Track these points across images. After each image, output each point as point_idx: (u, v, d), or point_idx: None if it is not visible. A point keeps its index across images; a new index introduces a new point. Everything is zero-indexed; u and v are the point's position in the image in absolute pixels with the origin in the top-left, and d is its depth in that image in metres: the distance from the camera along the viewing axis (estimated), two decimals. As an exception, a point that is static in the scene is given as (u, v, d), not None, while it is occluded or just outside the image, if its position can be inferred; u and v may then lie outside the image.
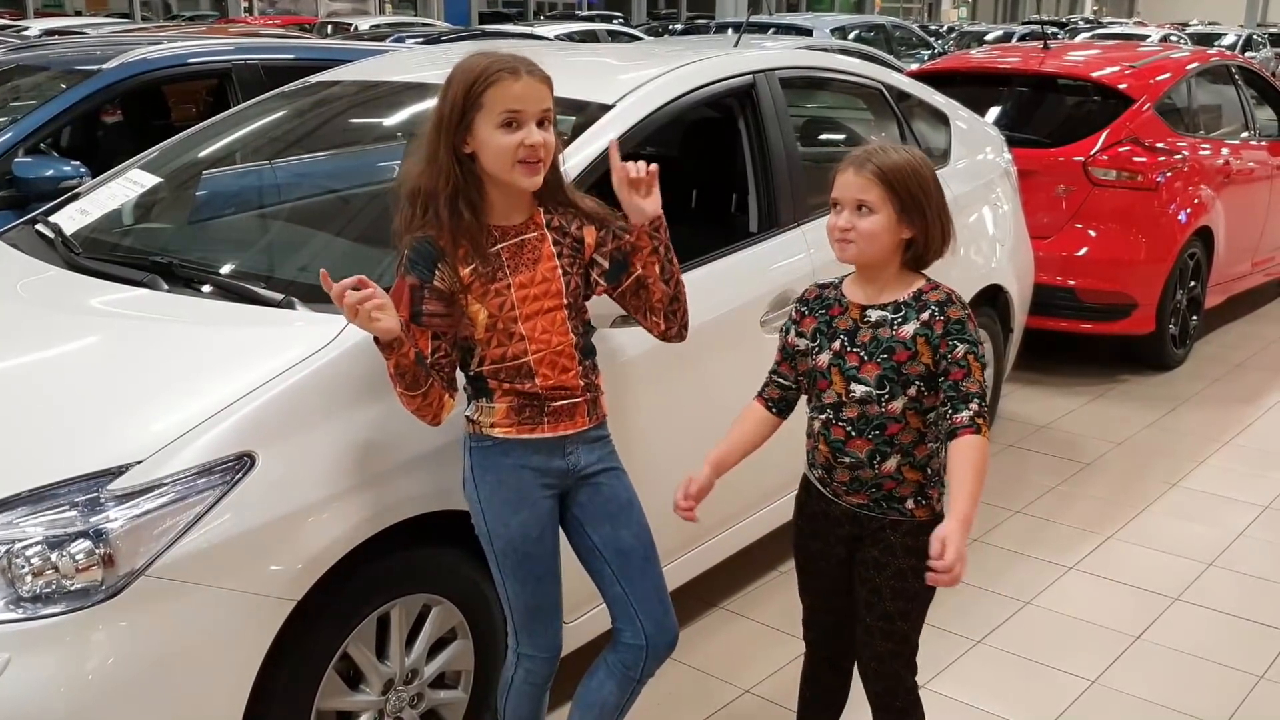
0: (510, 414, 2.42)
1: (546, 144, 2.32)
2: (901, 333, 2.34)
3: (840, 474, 2.44)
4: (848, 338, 2.39)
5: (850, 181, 2.35)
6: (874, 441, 2.37)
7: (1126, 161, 6.11)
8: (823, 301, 2.47)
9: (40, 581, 2.14)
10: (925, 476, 2.42)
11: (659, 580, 2.60)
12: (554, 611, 2.56)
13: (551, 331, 2.40)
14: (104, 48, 5.58)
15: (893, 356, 2.34)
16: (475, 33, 16.50)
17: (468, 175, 2.34)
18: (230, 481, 2.29)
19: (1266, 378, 6.49)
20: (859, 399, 2.36)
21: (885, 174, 2.32)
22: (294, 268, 3.08)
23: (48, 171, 4.67)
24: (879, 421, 2.36)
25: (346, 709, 2.61)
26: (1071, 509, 4.66)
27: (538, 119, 2.31)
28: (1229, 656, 3.61)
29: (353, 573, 2.48)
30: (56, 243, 3.30)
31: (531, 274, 2.39)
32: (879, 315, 2.38)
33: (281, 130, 3.88)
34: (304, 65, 5.13)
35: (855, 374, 2.36)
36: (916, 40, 19.19)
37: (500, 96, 2.28)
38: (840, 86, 4.69)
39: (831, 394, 2.40)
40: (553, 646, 2.57)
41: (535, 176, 2.33)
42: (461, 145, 2.32)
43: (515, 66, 2.29)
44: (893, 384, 2.34)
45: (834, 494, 2.48)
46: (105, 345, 2.78)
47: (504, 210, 2.40)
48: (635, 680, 2.57)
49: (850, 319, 2.41)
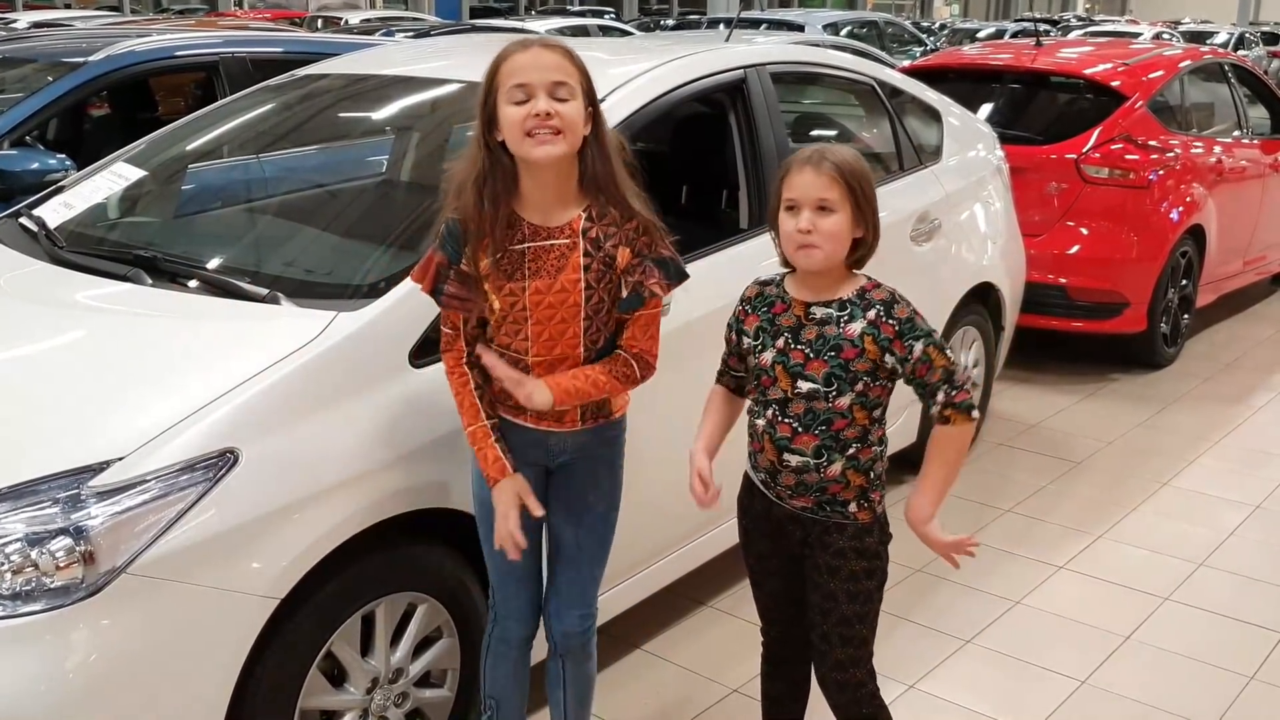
0: (502, 394, 2.44)
1: (562, 115, 2.23)
2: (849, 331, 2.32)
3: (785, 478, 2.41)
4: (791, 335, 2.36)
5: (810, 181, 2.29)
6: (820, 437, 2.35)
7: (1119, 159, 6.10)
8: (765, 299, 2.44)
9: (20, 579, 2.12)
10: (868, 480, 2.40)
11: (588, 577, 2.62)
12: (526, 579, 2.58)
13: (558, 341, 2.36)
14: (90, 40, 5.54)
15: (840, 354, 2.32)
16: (465, 27, 16.46)
17: (495, 164, 2.30)
18: (213, 478, 2.26)
19: (1257, 377, 6.49)
20: (805, 394, 2.34)
21: (843, 172, 2.29)
22: (280, 262, 3.06)
23: (32, 164, 4.63)
24: (826, 417, 2.34)
25: (330, 708, 2.59)
26: (1061, 508, 4.65)
27: (548, 89, 2.23)
28: (1219, 656, 3.60)
29: (337, 570, 2.46)
30: (40, 236, 3.27)
31: (551, 282, 2.33)
32: (824, 313, 2.35)
33: (269, 124, 3.85)
34: (292, 59, 5.09)
35: (801, 371, 2.34)
36: (909, 36, 19.20)
37: (509, 71, 2.25)
38: (832, 82, 4.67)
39: (777, 390, 2.37)
40: (522, 611, 2.60)
41: (546, 148, 2.23)
42: (493, 133, 2.29)
43: (527, 40, 2.29)
44: (840, 381, 2.32)
45: (777, 496, 2.45)
46: (88, 340, 2.75)
47: (540, 205, 2.34)
48: (560, 664, 2.66)
49: (794, 316, 2.37)
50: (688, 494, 3.17)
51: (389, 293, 2.65)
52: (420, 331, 2.63)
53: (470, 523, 2.70)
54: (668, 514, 3.22)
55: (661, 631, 3.61)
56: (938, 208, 4.44)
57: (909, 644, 3.58)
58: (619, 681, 3.33)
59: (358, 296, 2.67)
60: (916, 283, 3.29)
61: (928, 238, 4.33)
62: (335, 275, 2.91)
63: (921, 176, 4.50)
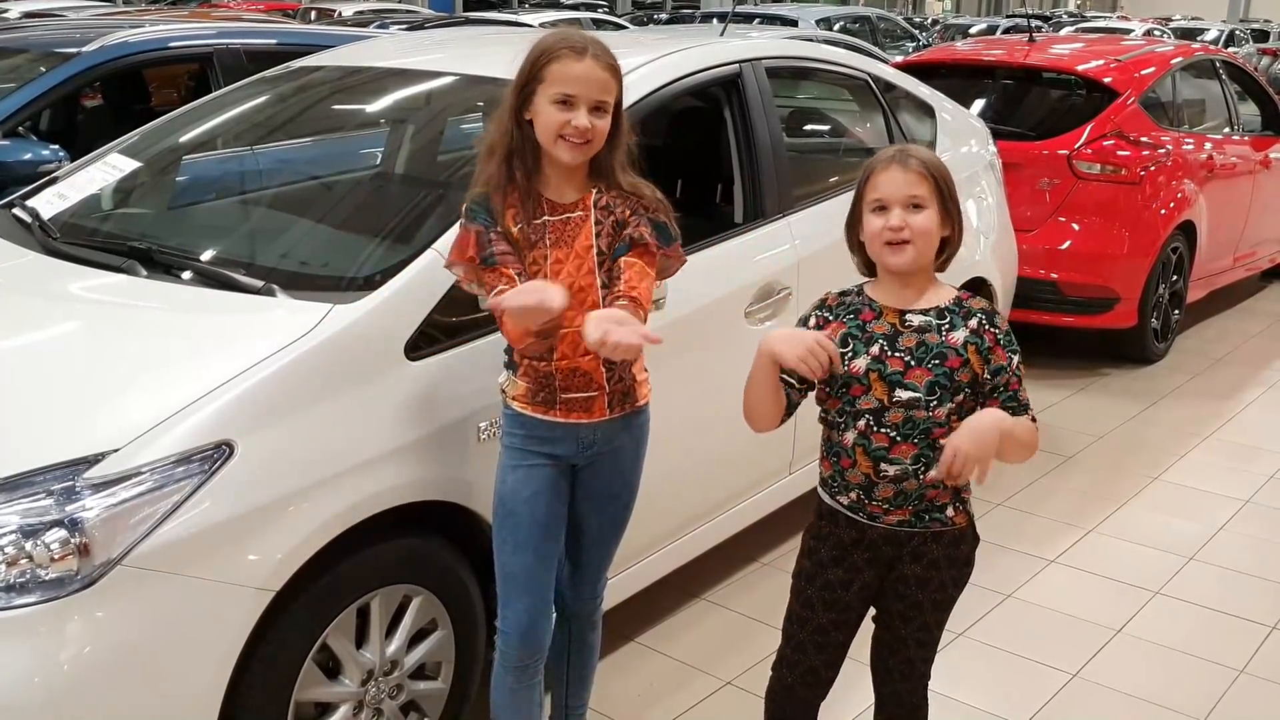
0: (529, 393, 2.47)
1: (596, 130, 2.37)
2: (952, 339, 2.27)
3: (882, 490, 2.32)
4: (887, 342, 2.28)
5: (898, 178, 2.24)
6: (919, 446, 2.27)
7: (1111, 155, 6.11)
8: (848, 306, 2.33)
9: (14, 571, 2.11)
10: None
11: (605, 555, 2.71)
12: (529, 586, 2.52)
13: (578, 310, 2.37)
14: (84, 30, 5.52)
15: (945, 363, 2.25)
16: (459, 19, 16.40)
17: (526, 139, 2.40)
18: (208, 470, 2.26)
19: (1247, 372, 6.52)
20: (904, 403, 2.26)
21: (930, 169, 2.25)
22: (275, 254, 3.05)
23: (25, 155, 4.61)
24: (925, 426, 2.26)
25: (325, 700, 2.59)
26: (1053, 502, 4.67)
27: (592, 105, 2.35)
28: (1210, 650, 3.62)
29: (332, 563, 2.46)
30: (34, 227, 3.25)
31: (568, 250, 2.42)
32: (922, 320, 2.28)
33: (263, 115, 3.84)
34: (286, 50, 5.08)
35: (900, 379, 2.26)
36: (901, 32, 19.23)
37: (559, 75, 2.34)
38: (827, 77, 4.67)
39: (871, 400, 2.27)
40: (520, 624, 2.53)
41: (576, 154, 2.38)
42: (523, 111, 2.39)
43: (584, 48, 2.36)
44: (943, 390, 2.25)
45: (870, 516, 2.35)
46: (82, 332, 2.75)
47: (556, 185, 2.45)
48: (566, 632, 2.75)
49: (888, 323, 2.29)
50: (682, 488, 3.18)
51: (385, 285, 2.65)
52: (416, 325, 2.62)
53: (465, 515, 2.71)
54: (663, 507, 3.23)
55: (656, 624, 3.62)
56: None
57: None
58: (613, 674, 3.33)
59: (353, 289, 2.67)
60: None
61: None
62: (331, 268, 2.90)
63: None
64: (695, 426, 3.28)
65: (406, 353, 2.61)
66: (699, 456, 3.37)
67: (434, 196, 3.15)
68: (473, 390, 2.68)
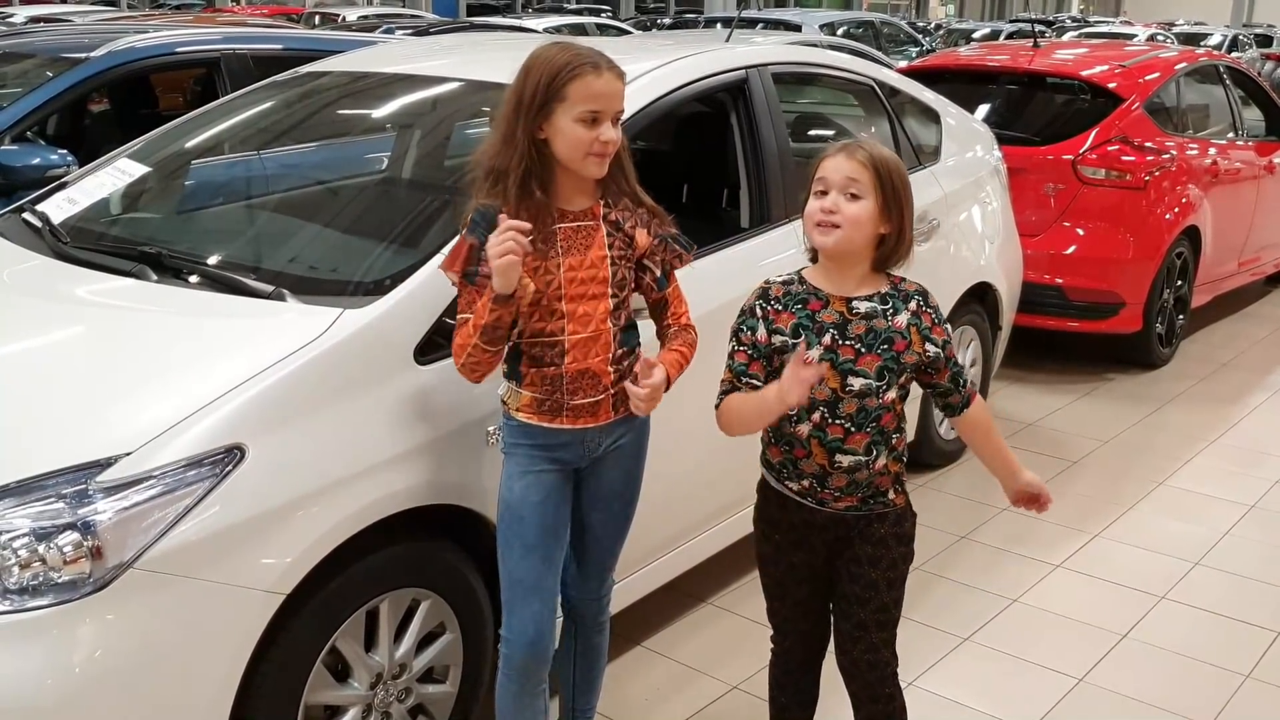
0: (534, 403, 2.48)
1: (615, 142, 2.42)
2: (897, 322, 2.35)
3: (836, 479, 2.39)
4: (838, 331, 2.34)
5: (842, 165, 2.33)
6: (871, 434, 2.36)
7: (1115, 160, 6.12)
8: (794, 296, 2.39)
9: (27, 574, 2.13)
10: (900, 465, 2.46)
11: (609, 552, 2.74)
12: (534, 592, 2.52)
13: (593, 317, 2.44)
14: (92, 36, 5.54)
15: (892, 346, 2.34)
16: (464, 24, 16.44)
17: (541, 157, 2.41)
18: (220, 474, 2.27)
19: (1252, 377, 6.52)
20: (857, 392, 2.33)
21: (875, 162, 2.32)
22: (284, 258, 3.06)
23: (34, 160, 4.64)
24: (876, 413, 2.35)
25: (335, 703, 2.60)
26: (1058, 507, 4.59)
27: (614, 118, 2.41)
28: (1215, 655, 3.62)
29: (342, 566, 2.47)
30: (44, 232, 3.27)
31: (582, 258, 2.45)
32: (868, 306, 2.36)
33: (271, 120, 3.85)
34: (293, 55, 5.10)
35: (852, 367, 2.33)
36: (905, 37, 19.21)
37: (583, 91, 2.35)
38: (832, 82, 4.68)
39: (824, 390, 2.33)
40: (525, 631, 2.52)
41: (604, 166, 2.44)
42: (538, 130, 2.38)
43: (598, 62, 2.38)
44: (890, 374, 2.34)
45: (819, 502, 2.43)
46: (94, 336, 2.76)
47: (569, 194, 2.47)
48: (572, 632, 2.79)
49: (836, 312, 2.36)
50: (686, 491, 3.20)
51: (394, 290, 2.66)
52: (425, 329, 2.64)
53: (474, 519, 2.72)
54: (669, 511, 3.24)
55: (662, 628, 3.63)
56: (936, 208, 4.46)
57: (908, 641, 3.55)
58: (620, 677, 3.34)
59: (363, 293, 2.68)
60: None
61: (926, 237, 4.34)
62: (340, 272, 2.91)
63: (920, 177, 4.51)
64: (702, 430, 3.28)
65: (416, 357, 2.63)
66: (705, 460, 3.37)
67: (442, 201, 3.15)
68: (482, 394, 2.68)
